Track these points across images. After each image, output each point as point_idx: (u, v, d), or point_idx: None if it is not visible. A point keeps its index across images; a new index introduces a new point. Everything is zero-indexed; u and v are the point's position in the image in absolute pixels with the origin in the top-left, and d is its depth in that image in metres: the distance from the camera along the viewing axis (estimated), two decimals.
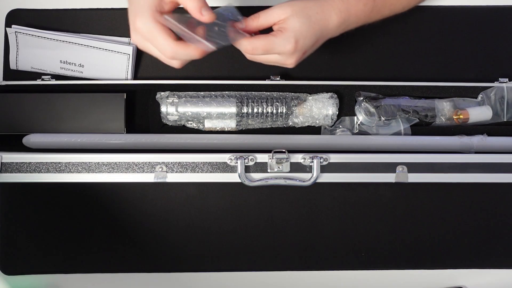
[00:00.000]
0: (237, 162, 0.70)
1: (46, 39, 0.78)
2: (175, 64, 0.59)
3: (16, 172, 0.70)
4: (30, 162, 0.70)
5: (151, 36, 0.55)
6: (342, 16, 0.62)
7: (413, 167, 0.71)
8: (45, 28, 0.79)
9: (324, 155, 0.70)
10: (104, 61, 0.79)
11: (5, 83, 0.77)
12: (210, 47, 0.58)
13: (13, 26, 0.79)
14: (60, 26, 0.80)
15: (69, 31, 0.80)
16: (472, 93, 0.79)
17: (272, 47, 0.58)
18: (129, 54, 0.79)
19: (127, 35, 0.80)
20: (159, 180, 0.70)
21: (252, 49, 0.58)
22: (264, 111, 0.76)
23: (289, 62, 0.62)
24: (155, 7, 0.55)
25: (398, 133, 0.77)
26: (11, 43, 0.79)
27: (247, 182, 0.70)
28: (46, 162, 0.70)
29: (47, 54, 0.79)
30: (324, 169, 0.70)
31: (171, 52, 0.56)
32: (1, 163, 0.70)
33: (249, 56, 0.62)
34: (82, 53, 0.79)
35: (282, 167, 0.70)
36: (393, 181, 0.71)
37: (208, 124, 0.77)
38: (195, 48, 0.57)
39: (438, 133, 0.77)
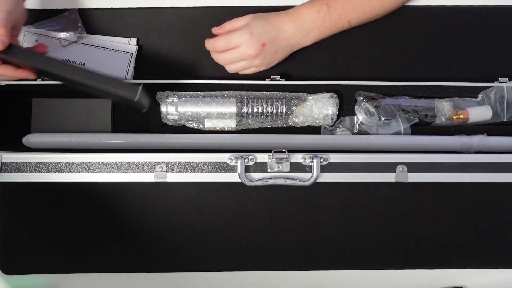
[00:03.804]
0: (237, 162, 0.70)
1: (47, 38, 0.79)
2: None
3: (16, 172, 0.70)
4: (30, 162, 0.70)
5: None
6: (297, 21, 0.73)
7: (413, 167, 0.71)
8: None
9: (324, 155, 0.70)
10: (105, 61, 0.79)
11: (5, 83, 0.77)
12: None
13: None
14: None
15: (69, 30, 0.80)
16: (472, 93, 0.79)
17: (231, 39, 0.71)
18: (130, 54, 0.79)
19: (128, 35, 0.80)
20: (159, 180, 0.70)
21: (215, 46, 0.72)
22: (264, 111, 0.76)
23: (250, 52, 0.72)
24: None
25: (398, 133, 0.77)
26: None
27: (247, 182, 0.70)
28: (46, 162, 0.70)
29: (49, 53, 0.78)
30: (324, 169, 0.70)
31: None
32: (1, 163, 0.70)
33: (217, 58, 0.75)
34: (83, 52, 0.79)
35: (282, 167, 0.70)
36: (393, 181, 0.71)
37: (208, 124, 0.77)
38: (17, 73, 0.67)
39: (438, 133, 0.77)
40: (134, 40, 0.80)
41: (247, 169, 0.70)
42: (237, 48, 0.72)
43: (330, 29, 0.75)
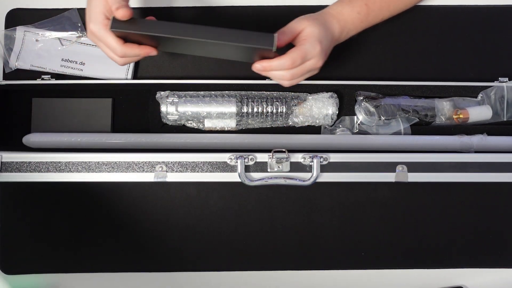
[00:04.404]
0: (237, 162, 0.70)
1: (47, 38, 0.79)
2: (121, 62, 0.67)
3: (16, 172, 0.70)
4: (30, 162, 0.70)
5: (103, 39, 0.63)
6: (341, 24, 0.70)
7: (413, 167, 0.71)
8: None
9: (324, 155, 0.70)
10: (105, 60, 0.79)
11: (5, 83, 0.77)
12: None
13: (19, 26, 0.78)
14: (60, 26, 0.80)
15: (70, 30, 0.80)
16: (472, 92, 0.79)
17: (306, 53, 0.64)
18: None
19: None
20: (159, 180, 0.70)
21: (292, 62, 0.63)
22: (264, 110, 0.76)
23: (319, 64, 0.66)
24: (104, 15, 0.62)
25: (398, 133, 0.77)
26: (17, 43, 0.78)
27: (247, 182, 0.70)
28: (46, 162, 0.70)
29: (49, 53, 0.79)
30: (324, 168, 0.70)
31: (121, 52, 0.64)
32: (1, 162, 0.70)
33: (287, 83, 0.67)
34: (83, 52, 0.79)
35: (282, 166, 0.70)
36: (393, 180, 0.71)
37: (208, 124, 0.77)
38: (141, 49, 0.65)
39: (438, 133, 0.77)
40: None
41: (247, 169, 0.70)
42: (310, 60, 0.65)
43: (363, 28, 0.73)
